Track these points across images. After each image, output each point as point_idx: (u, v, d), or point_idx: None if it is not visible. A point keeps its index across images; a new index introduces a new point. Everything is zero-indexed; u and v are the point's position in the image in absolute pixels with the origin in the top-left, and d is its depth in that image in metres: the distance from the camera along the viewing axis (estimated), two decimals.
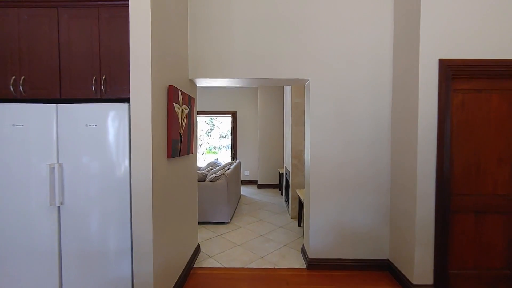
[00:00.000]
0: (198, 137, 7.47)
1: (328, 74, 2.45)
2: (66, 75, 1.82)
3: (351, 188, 2.48)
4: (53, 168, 1.78)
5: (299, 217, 3.67)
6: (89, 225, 1.82)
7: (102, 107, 1.78)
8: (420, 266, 2.05)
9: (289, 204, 4.17)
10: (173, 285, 2.02)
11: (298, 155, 3.99)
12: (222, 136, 13.69)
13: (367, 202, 2.48)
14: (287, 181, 4.64)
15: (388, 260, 2.47)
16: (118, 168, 1.79)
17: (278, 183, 6.37)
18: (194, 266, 2.54)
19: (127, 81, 1.71)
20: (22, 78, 1.80)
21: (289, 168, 4.23)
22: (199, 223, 3.69)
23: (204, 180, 3.85)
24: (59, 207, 1.82)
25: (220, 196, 3.68)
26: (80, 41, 1.81)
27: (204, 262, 2.61)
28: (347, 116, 2.46)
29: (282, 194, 5.54)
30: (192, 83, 2.60)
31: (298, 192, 3.53)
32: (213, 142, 13.92)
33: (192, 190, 2.66)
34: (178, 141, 2.05)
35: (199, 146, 12.96)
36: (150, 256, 1.65)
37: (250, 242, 3.10)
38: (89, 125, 1.79)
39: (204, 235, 3.31)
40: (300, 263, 2.60)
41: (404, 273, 2.20)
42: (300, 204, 3.61)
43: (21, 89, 1.80)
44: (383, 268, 2.47)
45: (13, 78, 1.80)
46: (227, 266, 2.55)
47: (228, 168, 4.36)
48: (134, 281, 1.67)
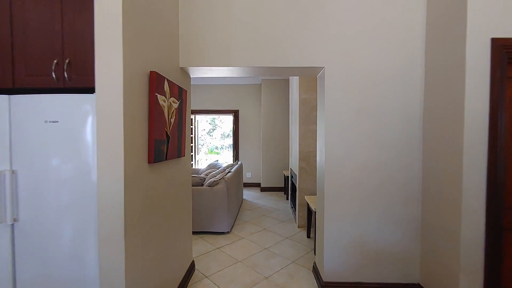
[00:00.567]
0: (199, 137, 7.09)
1: (347, 62, 2.04)
2: (21, 58, 1.44)
3: (375, 198, 2.07)
4: (4, 176, 1.41)
5: (308, 227, 3.26)
6: (52, 246, 1.44)
7: (65, 99, 1.40)
8: None
9: (296, 211, 3.76)
10: None
11: (307, 157, 3.58)
12: (224, 136, 13.33)
13: (394, 215, 2.07)
14: (293, 185, 4.24)
15: (419, 285, 2.05)
16: (88, 175, 1.41)
17: (283, 186, 5.96)
18: None
19: None
20: None
21: (296, 171, 3.82)
22: (196, 233, 3.31)
23: (202, 185, 3.46)
24: (13, 225, 1.45)
25: (219, 203, 3.29)
26: (38, 15, 1.43)
27: (199, 284, 2.22)
28: (370, 112, 2.05)
29: (287, 199, 5.13)
30: (185, 73, 2.21)
31: (307, 199, 3.13)
32: (215, 142, 13.57)
33: (186, 199, 2.27)
34: (165, 142, 1.66)
35: (201, 147, 12.63)
36: None
37: (253, 258, 2.71)
38: (49, 122, 1.41)
39: (201, 248, 2.92)
40: (312, 286, 2.20)
41: None
42: (309, 212, 3.20)
43: None
44: None
45: None
46: None
47: (229, 171, 3.97)
48: None
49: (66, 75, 1.43)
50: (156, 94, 1.51)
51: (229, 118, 7.01)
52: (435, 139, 1.89)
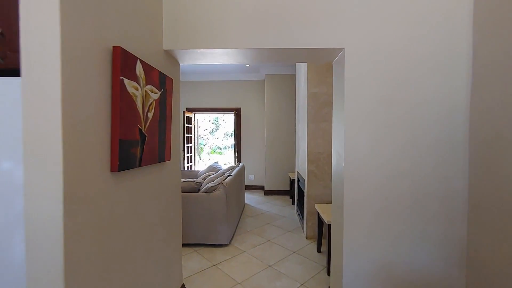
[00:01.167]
0: (198, 136, 6.72)
1: (374, 42, 1.62)
2: None
3: (407, 213, 1.65)
4: None
5: (319, 239, 2.85)
6: None
7: None
8: None
9: (304, 220, 3.35)
10: None
11: (316, 160, 3.16)
12: (227, 136, 12.96)
13: (431, 234, 1.65)
14: (301, 190, 3.82)
15: None
16: (12, 198, 1.01)
17: (289, 190, 5.54)
18: None
19: None
20: None
21: (304, 175, 3.41)
22: (190, 246, 2.92)
23: (198, 191, 3.07)
24: None
25: (217, 212, 2.90)
26: None
27: None
28: (402, 106, 1.63)
29: (293, 204, 4.72)
30: (171, 58, 1.81)
31: (318, 208, 2.71)
32: (218, 142, 13.21)
33: (173, 211, 1.88)
34: (137, 143, 1.26)
35: (203, 146, 12.28)
36: None
37: (255, 279, 2.30)
38: None
39: (194, 265, 2.53)
40: None
41: None
42: (320, 222, 2.79)
43: None
44: None
45: None
46: None
47: (229, 175, 3.57)
48: None
49: None
50: (122, 78, 1.11)
51: (232, 117, 6.62)
52: (488, 140, 1.45)
